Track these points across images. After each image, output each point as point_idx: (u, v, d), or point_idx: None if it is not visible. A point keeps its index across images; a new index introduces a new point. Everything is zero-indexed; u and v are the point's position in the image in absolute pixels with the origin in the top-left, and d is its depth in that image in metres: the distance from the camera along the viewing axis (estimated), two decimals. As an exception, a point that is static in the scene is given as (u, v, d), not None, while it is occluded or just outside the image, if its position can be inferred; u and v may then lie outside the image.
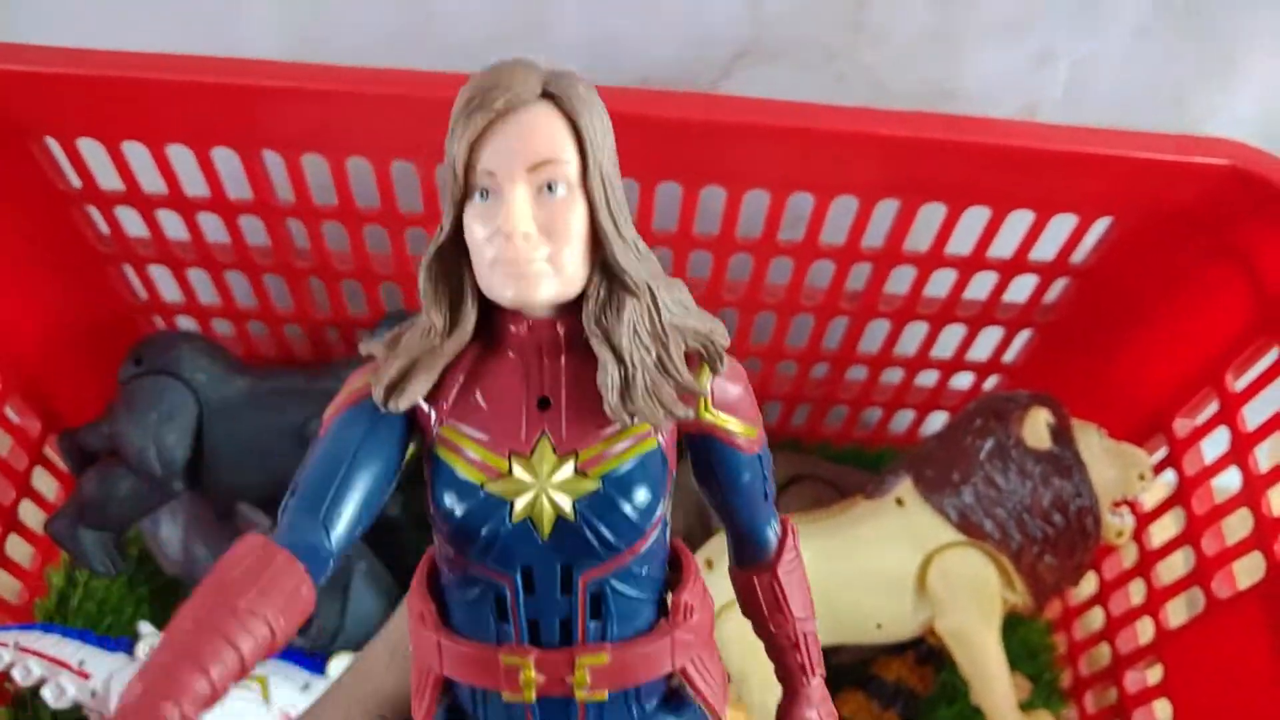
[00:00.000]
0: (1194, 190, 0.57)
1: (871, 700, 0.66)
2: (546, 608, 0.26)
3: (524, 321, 0.26)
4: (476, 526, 0.25)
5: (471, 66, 0.54)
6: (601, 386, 0.25)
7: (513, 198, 0.24)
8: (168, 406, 0.63)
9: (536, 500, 0.25)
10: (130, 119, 0.56)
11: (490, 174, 0.24)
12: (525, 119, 0.24)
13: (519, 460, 0.25)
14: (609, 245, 0.26)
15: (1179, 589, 0.63)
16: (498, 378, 0.26)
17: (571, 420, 0.26)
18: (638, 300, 0.26)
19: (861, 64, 0.64)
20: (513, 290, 0.25)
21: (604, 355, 0.25)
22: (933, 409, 0.77)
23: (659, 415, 0.25)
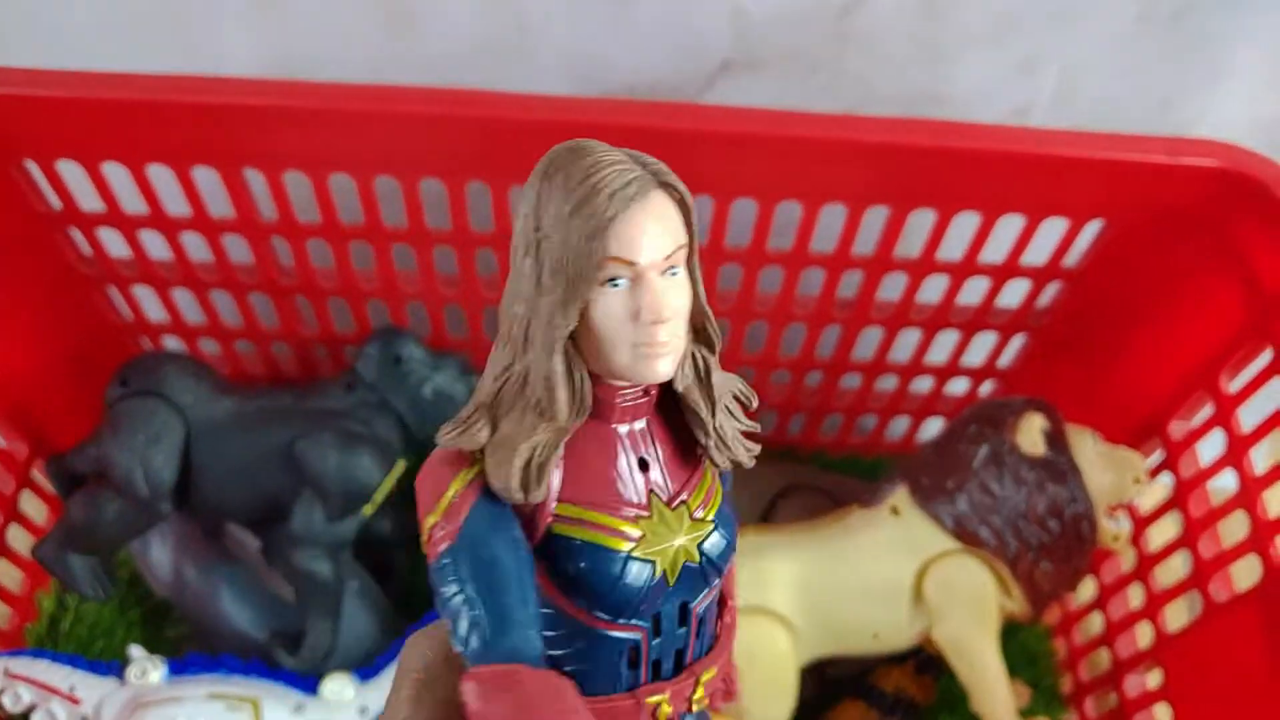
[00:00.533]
0: (1185, 192, 0.56)
1: (871, 710, 0.66)
2: (669, 644, 0.28)
3: (618, 391, 0.27)
4: (630, 591, 0.26)
5: (455, 81, 0.54)
6: (703, 438, 0.28)
7: (656, 287, 0.25)
8: (155, 428, 0.62)
9: (674, 553, 0.27)
10: (109, 140, 0.56)
11: (631, 264, 0.25)
12: (654, 207, 0.25)
13: (643, 523, 0.27)
14: (704, 314, 0.27)
15: (1177, 593, 0.62)
16: (598, 450, 0.27)
17: (671, 475, 0.28)
18: (716, 361, 0.28)
19: (847, 72, 0.64)
20: (650, 371, 0.26)
21: (704, 412, 0.27)
22: (928, 415, 0.77)
23: (746, 455, 0.28)
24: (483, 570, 0.25)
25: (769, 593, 0.60)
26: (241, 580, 0.67)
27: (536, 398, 0.26)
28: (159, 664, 0.60)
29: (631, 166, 0.25)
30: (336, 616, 0.64)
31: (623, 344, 0.26)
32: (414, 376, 0.65)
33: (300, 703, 0.60)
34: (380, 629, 0.66)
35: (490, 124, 0.55)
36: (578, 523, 0.26)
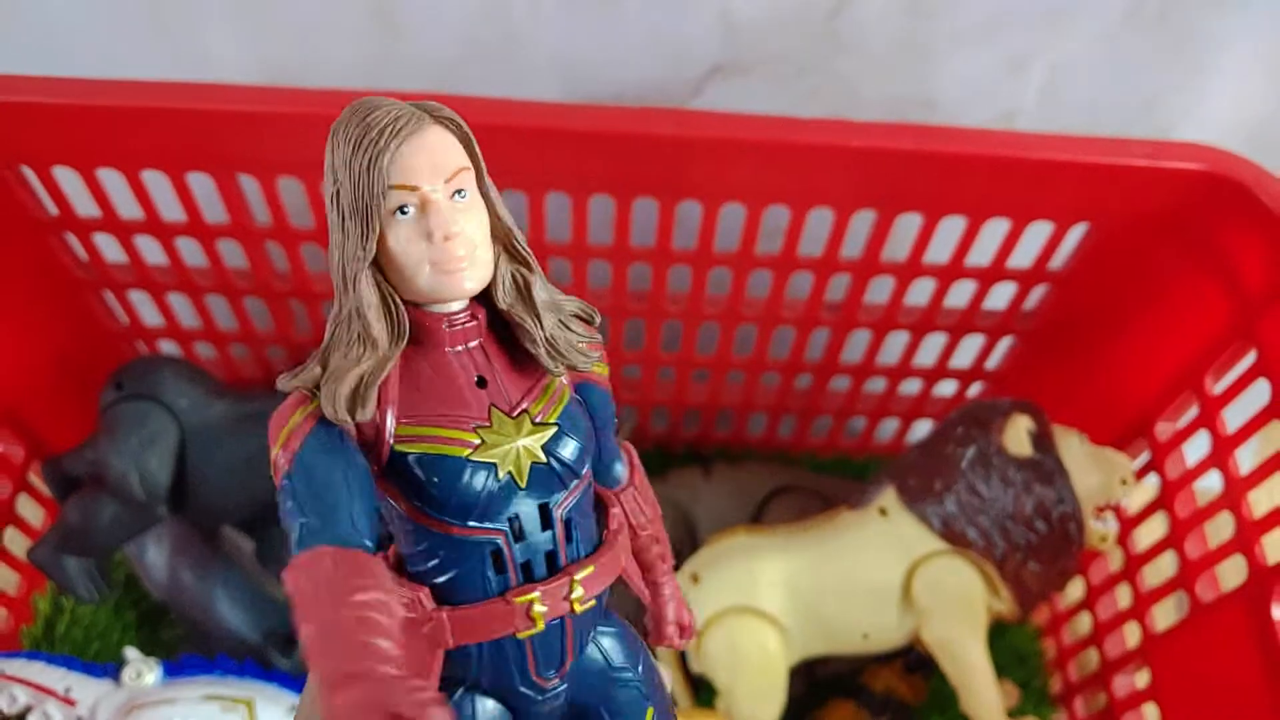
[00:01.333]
0: (1169, 195, 0.57)
1: (861, 710, 0.66)
2: (533, 548, 0.29)
3: (444, 317, 0.29)
4: (472, 493, 0.28)
5: (444, 86, 0.55)
6: (533, 348, 0.30)
7: (440, 206, 0.27)
8: (149, 431, 0.62)
9: (515, 453, 0.28)
10: (104, 146, 0.57)
11: (414, 189, 0.27)
12: (430, 138, 0.28)
13: (483, 432, 0.28)
14: (509, 234, 0.29)
15: (1164, 593, 0.63)
16: (433, 372, 0.29)
17: (510, 389, 0.30)
18: (536, 277, 0.30)
19: (835, 76, 0.65)
20: (449, 288, 0.28)
21: (529, 323, 0.29)
22: (917, 417, 0.77)
23: (583, 361, 0.30)
24: (314, 484, 0.27)
25: (759, 593, 0.60)
26: (236, 582, 0.68)
27: (357, 330, 0.28)
28: (154, 666, 0.60)
29: (405, 108, 0.28)
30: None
31: (421, 266, 0.28)
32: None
33: (295, 704, 0.61)
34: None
35: (480, 130, 0.55)
36: (417, 439, 0.28)
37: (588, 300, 0.31)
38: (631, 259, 0.62)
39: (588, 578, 0.30)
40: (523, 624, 0.29)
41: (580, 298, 0.32)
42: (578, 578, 0.30)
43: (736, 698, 0.60)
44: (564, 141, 0.55)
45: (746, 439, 0.80)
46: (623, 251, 0.62)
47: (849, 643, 0.62)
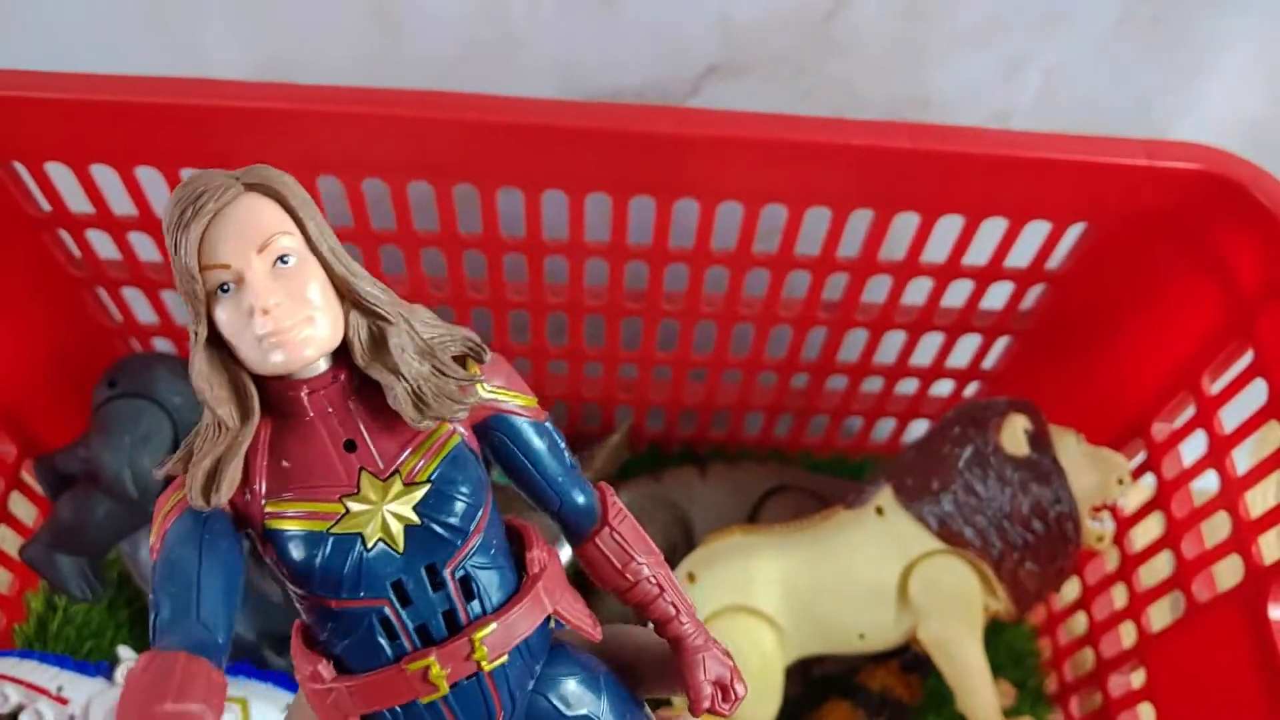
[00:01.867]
0: (1166, 195, 0.57)
1: (857, 710, 0.66)
2: (426, 610, 0.28)
3: (303, 384, 0.28)
4: (338, 568, 0.27)
5: (442, 85, 0.55)
6: (395, 405, 0.28)
7: (253, 279, 0.27)
8: (143, 429, 0.62)
9: (381, 521, 0.28)
10: (98, 141, 0.56)
11: (226, 266, 0.27)
12: (239, 210, 0.27)
13: (350, 499, 0.28)
14: (353, 289, 0.28)
15: (1160, 593, 0.63)
16: (299, 443, 0.28)
17: (380, 450, 0.28)
18: (395, 327, 0.28)
19: (832, 76, 0.64)
20: (282, 356, 0.27)
21: (387, 380, 0.28)
22: (914, 417, 0.77)
23: (453, 410, 0.28)
24: (172, 575, 0.27)
25: (755, 592, 0.60)
26: (230, 581, 0.67)
27: (209, 415, 0.28)
28: (147, 664, 0.60)
29: (214, 182, 0.27)
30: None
31: (248, 342, 0.27)
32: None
33: (289, 703, 0.61)
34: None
35: (477, 127, 0.55)
36: (284, 515, 0.28)
37: (584, 298, 0.31)
38: (628, 257, 0.62)
39: (491, 636, 0.28)
40: (423, 689, 0.28)
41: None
42: (477, 637, 0.28)
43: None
44: (561, 139, 0.55)
45: (743, 438, 0.80)
46: (619, 250, 0.61)
47: (845, 642, 0.62)
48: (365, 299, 0.28)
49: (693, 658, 0.31)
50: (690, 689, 0.32)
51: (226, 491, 0.27)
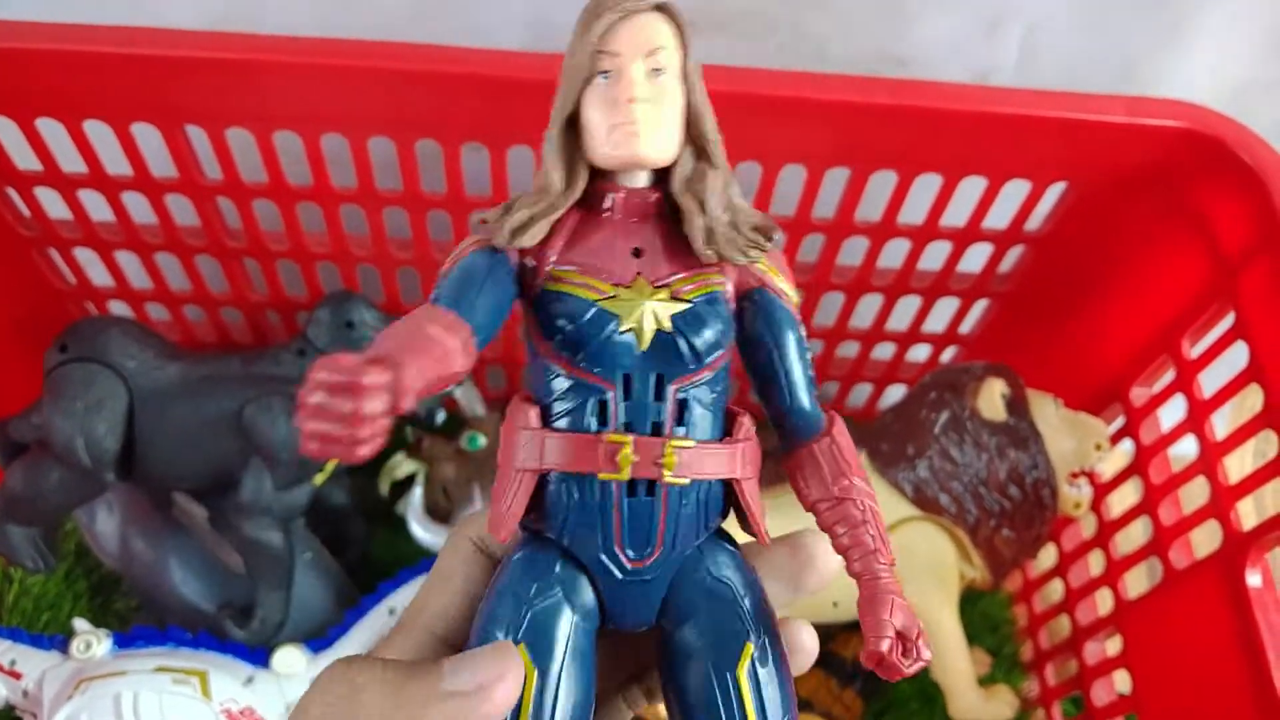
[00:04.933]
0: (1147, 153, 0.56)
1: (830, 678, 0.66)
2: (641, 411, 0.30)
3: (622, 190, 0.31)
4: (590, 336, 0.29)
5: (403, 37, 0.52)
6: (689, 231, 0.30)
7: (631, 71, 0.29)
8: (96, 395, 0.60)
9: (641, 314, 0.30)
10: (44, 94, 0.54)
11: (615, 55, 0.30)
12: (645, 18, 0.30)
13: (620, 289, 0.30)
14: (701, 122, 0.31)
15: (1137, 559, 0.62)
16: (598, 233, 0.31)
17: (661, 264, 0.31)
18: (718, 172, 0.31)
19: (807, 33, 0.63)
20: (625, 147, 0.30)
21: (691, 209, 0.30)
22: (890, 382, 0.76)
23: (737, 254, 0.30)
24: (461, 276, 0.30)
25: (727, 560, 0.59)
26: (190, 551, 0.66)
27: (541, 180, 0.30)
28: (103, 637, 0.59)
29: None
30: (288, 587, 0.63)
31: (603, 127, 0.30)
32: (366, 341, 0.63)
33: (251, 675, 0.59)
34: (333, 600, 0.65)
35: (442, 80, 0.53)
36: (564, 280, 0.30)
37: None
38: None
39: (686, 451, 0.29)
40: (608, 466, 0.29)
41: None
42: (673, 444, 0.29)
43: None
44: (528, 92, 0.52)
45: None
46: (589, 210, 0.60)
47: (818, 611, 0.61)
48: (705, 136, 0.31)
49: (883, 596, 0.30)
50: (871, 627, 0.29)
51: (531, 239, 0.30)
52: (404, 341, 0.27)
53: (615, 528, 0.29)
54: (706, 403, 0.30)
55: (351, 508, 0.71)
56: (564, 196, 0.30)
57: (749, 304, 0.32)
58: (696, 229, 0.30)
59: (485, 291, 0.30)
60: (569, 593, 0.30)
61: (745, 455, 0.31)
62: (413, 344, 0.27)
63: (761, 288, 0.32)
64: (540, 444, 0.30)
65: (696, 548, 0.31)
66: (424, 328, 0.28)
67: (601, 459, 0.29)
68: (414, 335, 0.27)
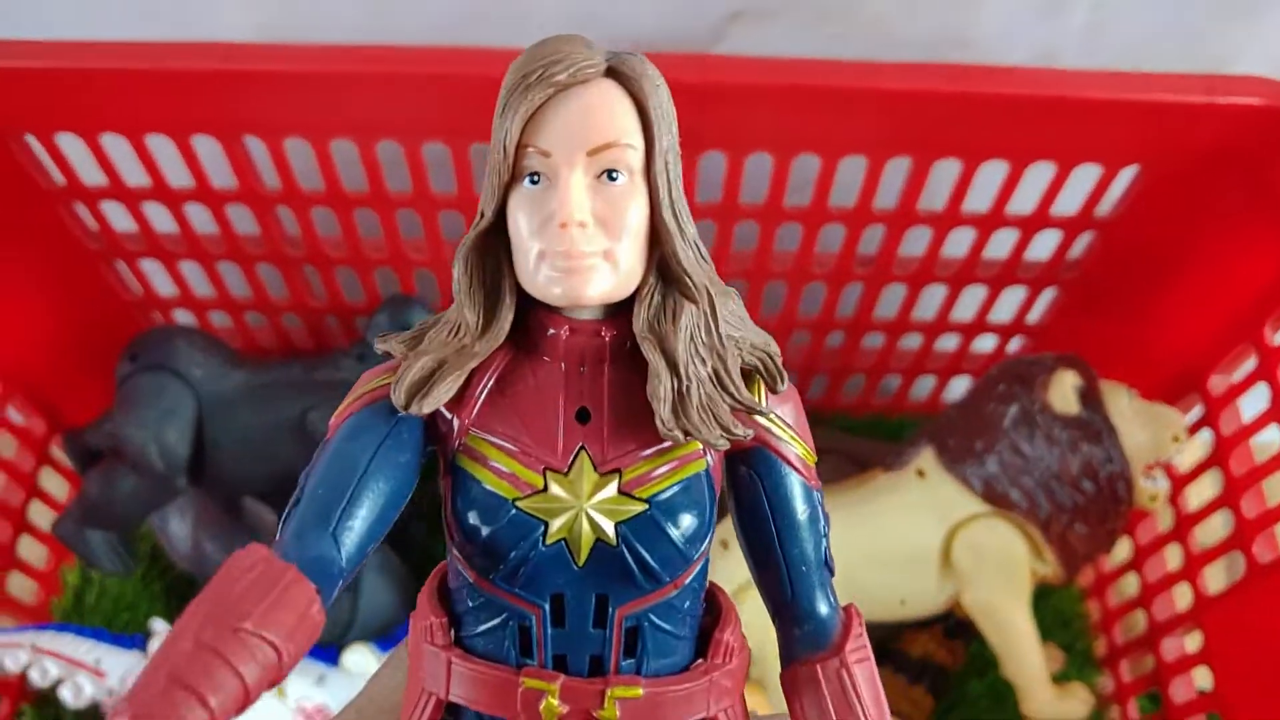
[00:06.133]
0: (1224, 132, 0.54)
1: (898, 676, 0.65)
2: (577, 642, 0.24)
3: (566, 323, 0.24)
4: (505, 548, 0.23)
5: (452, 41, 0.52)
6: (653, 398, 0.23)
7: (569, 183, 0.22)
8: (166, 403, 0.62)
9: (575, 521, 0.23)
10: (107, 110, 0.55)
11: (545, 155, 0.22)
12: (589, 96, 0.22)
13: (555, 477, 0.23)
14: (671, 242, 0.23)
15: (1218, 553, 0.60)
16: (533, 384, 0.24)
17: (613, 435, 0.23)
18: (696, 306, 0.23)
19: (863, 17, 0.61)
20: (561, 287, 0.22)
21: (657, 363, 0.23)
22: (955, 374, 0.75)
23: (715, 434, 0.23)
24: (329, 471, 0.23)
25: (791, 559, 0.59)
26: (260, 553, 0.67)
27: (454, 314, 0.24)
28: (180, 638, 0.60)
29: (578, 52, 0.23)
30: (355, 588, 0.64)
31: (529, 253, 0.23)
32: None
33: (322, 674, 0.60)
34: (399, 599, 0.65)
35: (494, 83, 0.53)
36: (481, 458, 0.23)
37: None
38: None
39: (632, 703, 0.23)
40: (526, 715, 0.23)
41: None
42: (614, 694, 0.23)
43: (770, 667, 0.59)
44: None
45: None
46: (644, 207, 0.59)
47: (886, 609, 0.61)
48: (677, 258, 0.23)
49: None
50: None
51: (432, 404, 0.23)
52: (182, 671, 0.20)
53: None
54: (670, 627, 0.24)
55: (413, 510, 0.71)
56: (483, 340, 0.23)
57: (743, 468, 0.25)
58: (660, 395, 0.23)
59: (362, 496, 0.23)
60: None
61: (724, 684, 0.25)
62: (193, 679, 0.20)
63: (762, 448, 0.25)
64: (446, 669, 0.24)
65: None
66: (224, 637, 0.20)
67: (520, 707, 0.23)
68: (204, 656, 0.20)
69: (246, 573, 0.22)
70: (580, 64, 0.22)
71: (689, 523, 0.23)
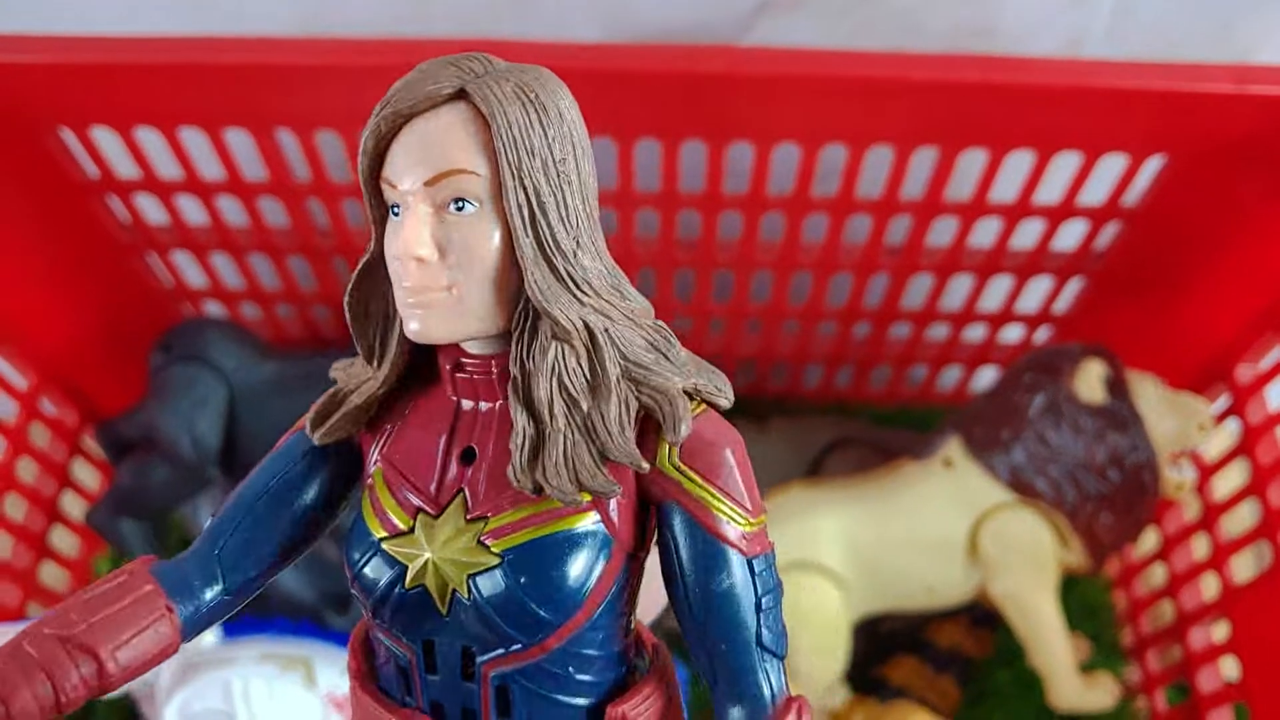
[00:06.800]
0: (1252, 123, 0.53)
1: (925, 665, 0.65)
2: (450, 692, 0.23)
3: (455, 356, 0.23)
4: (369, 585, 0.23)
5: (481, 33, 0.53)
6: (511, 445, 0.21)
7: (407, 217, 0.21)
8: (199, 393, 0.62)
9: (425, 569, 0.22)
10: (141, 104, 0.56)
11: (393, 187, 0.22)
12: (429, 123, 0.21)
13: (424, 519, 0.22)
14: (526, 276, 0.21)
15: (1245, 542, 0.60)
16: (426, 419, 0.23)
17: (492, 479, 0.22)
18: (565, 345, 0.22)
19: (889, 7, 0.61)
20: (415, 323, 0.22)
21: (515, 408, 0.21)
22: (981, 364, 0.75)
23: (570, 491, 0.21)
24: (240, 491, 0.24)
25: (819, 548, 0.59)
26: (290, 543, 0.68)
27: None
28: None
29: (433, 77, 0.22)
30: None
31: (398, 288, 0.22)
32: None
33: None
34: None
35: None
36: (371, 491, 0.23)
37: (634, 249, 0.25)
38: (680, 206, 0.60)
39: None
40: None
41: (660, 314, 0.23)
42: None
43: (798, 655, 0.59)
44: (607, 83, 0.52)
45: (802, 391, 0.78)
46: (670, 198, 0.59)
47: (913, 598, 0.61)
48: (535, 293, 0.21)
49: None
50: None
51: (330, 434, 0.24)
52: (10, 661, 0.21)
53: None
54: (545, 692, 0.22)
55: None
56: (379, 372, 0.23)
57: (662, 526, 0.23)
58: (516, 443, 0.21)
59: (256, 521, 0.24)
60: None
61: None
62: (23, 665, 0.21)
63: (675, 505, 0.22)
64: (356, 701, 0.25)
65: None
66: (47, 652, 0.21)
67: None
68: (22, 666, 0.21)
69: (114, 578, 0.23)
70: (423, 91, 0.21)
71: (553, 583, 0.21)
